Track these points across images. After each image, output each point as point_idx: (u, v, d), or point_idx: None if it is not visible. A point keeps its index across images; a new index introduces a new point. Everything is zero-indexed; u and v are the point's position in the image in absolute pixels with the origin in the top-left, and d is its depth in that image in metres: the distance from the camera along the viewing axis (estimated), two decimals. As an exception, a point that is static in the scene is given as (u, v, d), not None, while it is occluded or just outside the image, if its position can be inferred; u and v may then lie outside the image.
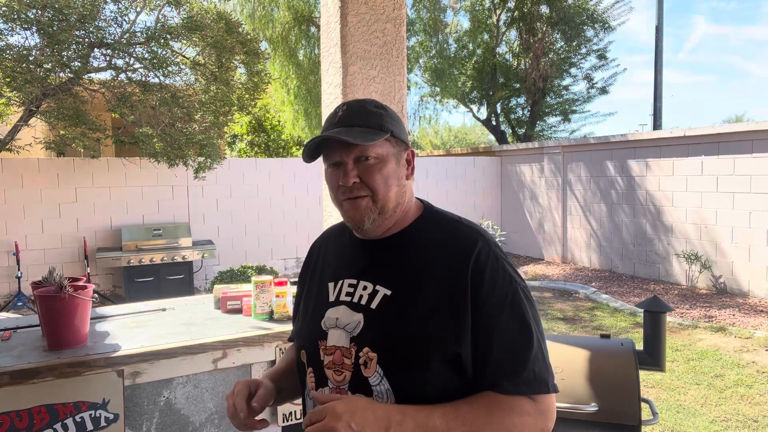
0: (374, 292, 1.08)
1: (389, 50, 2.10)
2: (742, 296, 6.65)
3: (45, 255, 6.85)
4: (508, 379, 1.00)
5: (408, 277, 1.07)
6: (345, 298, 1.11)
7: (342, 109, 1.12)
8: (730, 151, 6.73)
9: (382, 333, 1.04)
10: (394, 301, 1.06)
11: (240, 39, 6.69)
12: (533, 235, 9.86)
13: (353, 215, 1.09)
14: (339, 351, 1.07)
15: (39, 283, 1.93)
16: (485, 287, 1.02)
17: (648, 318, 2.05)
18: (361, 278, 1.11)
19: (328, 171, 1.12)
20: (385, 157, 1.08)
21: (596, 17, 13.18)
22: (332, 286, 1.15)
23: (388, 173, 1.08)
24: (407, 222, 1.14)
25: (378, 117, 1.10)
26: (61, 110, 5.95)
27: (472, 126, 35.94)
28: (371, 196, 1.07)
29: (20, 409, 1.68)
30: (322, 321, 1.11)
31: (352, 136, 1.04)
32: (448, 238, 1.09)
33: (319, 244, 1.30)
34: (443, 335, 1.00)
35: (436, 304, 1.02)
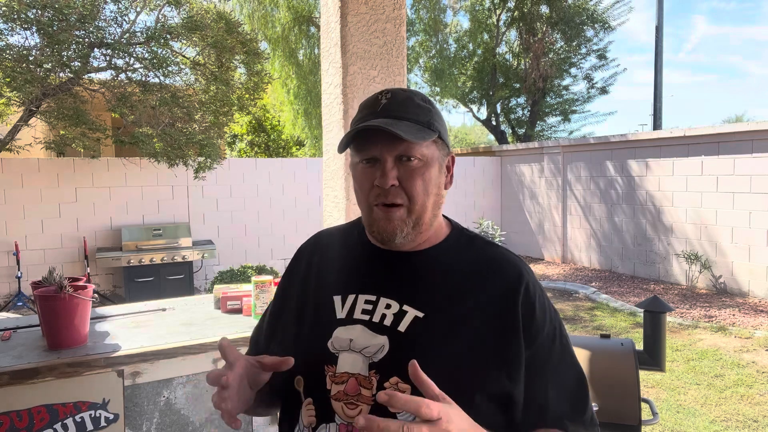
0: (401, 312, 0.92)
1: (389, 50, 2.10)
2: (742, 296, 6.65)
3: (45, 255, 6.85)
4: (570, 420, 0.95)
5: (444, 299, 0.94)
6: (361, 316, 0.94)
7: (386, 97, 0.96)
8: (730, 151, 6.73)
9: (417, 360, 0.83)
10: (427, 325, 0.91)
11: (240, 39, 6.69)
12: (533, 235, 9.86)
13: (385, 226, 0.93)
14: (354, 379, 0.89)
15: (39, 283, 1.93)
16: (537, 322, 0.94)
17: (648, 318, 2.05)
18: (382, 295, 0.95)
19: (359, 166, 0.96)
20: (430, 160, 0.95)
21: (596, 17, 13.18)
22: (339, 300, 0.97)
23: (430, 179, 0.94)
24: (440, 237, 1.01)
25: (427, 113, 0.96)
26: (61, 110, 5.95)
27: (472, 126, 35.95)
28: (407, 205, 0.93)
29: (20, 409, 1.68)
30: (329, 342, 0.93)
31: (402, 130, 0.89)
32: (490, 263, 0.98)
33: (312, 249, 1.10)
34: (491, 370, 0.90)
35: (481, 334, 0.91)
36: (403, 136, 0.88)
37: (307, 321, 0.99)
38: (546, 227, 9.56)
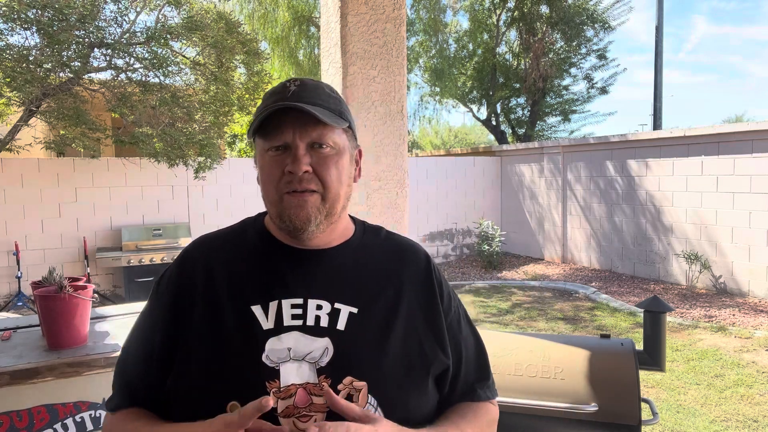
0: (335, 310, 0.89)
1: (389, 50, 2.10)
2: (742, 296, 6.65)
3: (45, 255, 6.85)
4: (479, 386, 1.02)
5: (371, 292, 0.93)
6: (293, 322, 0.87)
7: (295, 84, 0.91)
8: (730, 151, 6.73)
9: (365, 356, 0.87)
10: (364, 319, 0.90)
11: (240, 39, 6.69)
12: (533, 235, 9.86)
13: (297, 213, 0.88)
14: (303, 389, 0.83)
15: (39, 283, 1.93)
16: (446, 297, 1.00)
17: (648, 318, 2.05)
18: (309, 296, 0.90)
19: (268, 154, 0.90)
20: (342, 149, 0.92)
21: (596, 17, 13.18)
22: (260, 310, 0.88)
23: (343, 168, 0.92)
24: (349, 233, 1.00)
25: (338, 102, 0.94)
26: (61, 110, 5.95)
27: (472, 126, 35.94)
28: (321, 192, 0.89)
29: (20, 409, 1.68)
30: (263, 356, 0.84)
31: (318, 113, 0.87)
32: (401, 250, 1.02)
33: (204, 258, 0.96)
34: (432, 350, 0.94)
35: (412, 318, 0.94)
36: (319, 117, 0.86)
37: (226, 340, 0.87)
38: (546, 227, 9.56)
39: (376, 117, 2.08)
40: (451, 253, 10.02)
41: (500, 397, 1.92)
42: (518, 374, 1.95)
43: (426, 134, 28.25)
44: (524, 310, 6.40)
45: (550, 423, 1.89)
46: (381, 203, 2.09)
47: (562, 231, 9.26)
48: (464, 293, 7.40)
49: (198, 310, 0.90)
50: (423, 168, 9.65)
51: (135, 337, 0.97)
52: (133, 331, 0.98)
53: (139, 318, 0.99)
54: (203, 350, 0.87)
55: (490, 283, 7.95)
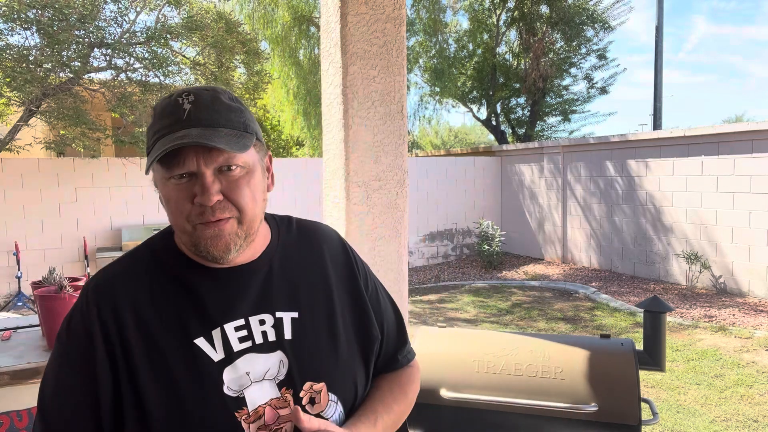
0: (278, 321, 0.88)
1: (389, 50, 2.10)
2: (742, 296, 6.65)
3: (45, 255, 6.85)
4: (400, 353, 1.06)
5: (303, 291, 0.93)
6: (243, 345, 0.84)
7: (188, 100, 0.81)
8: (730, 151, 6.73)
9: (318, 358, 0.88)
10: (305, 321, 0.90)
11: (240, 39, 6.70)
12: (533, 235, 9.86)
13: (215, 243, 0.82)
14: (269, 407, 0.83)
15: (39, 283, 1.93)
16: (362, 273, 1.02)
17: (648, 318, 2.05)
18: (250, 314, 0.86)
19: (170, 183, 0.83)
20: (253, 165, 0.85)
21: (596, 17, 13.18)
22: (204, 342, 0.83)
23: (256, 186, 0.86)
24: (267, 236, 0.96)
25: (240, 114, 0.85)
26: (61, 110, 5.95)
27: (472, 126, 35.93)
28: (237, 216, 0.83)
29: (20, 409, 1.68)
30: (224, 388, 0.81)
31: (222, 142, 0.79)
32: (314, 237, 1.01)
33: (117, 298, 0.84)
34: (367, 329, 0.97)
35: (344, 306, 0.96)
36: (226, 149, 0.78)
37: (179, 383, 0.81)
38: (546, 227, 9.56)
39: (376, 117, 2.08)
40: (451, 253, 10.02)
41: (501, 397, 1.93)
42: (518, 374, 1.95)
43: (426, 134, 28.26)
44: (524, 310, 6.40)
45: (550, 423, 1.89)
46: (381, 203, 2.09)
47: (562, 231, 9.27)
48: (464, 293, 7.41)
49: (137, 358, 0.81)
50: (423, 168, 9.65)
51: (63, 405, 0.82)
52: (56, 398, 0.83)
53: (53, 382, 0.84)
54: (158, 400, 0.79)
55: (490, 283, 7.95)
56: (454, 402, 1.95)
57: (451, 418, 1.97)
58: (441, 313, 6.43)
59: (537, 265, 9.24)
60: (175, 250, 0.91)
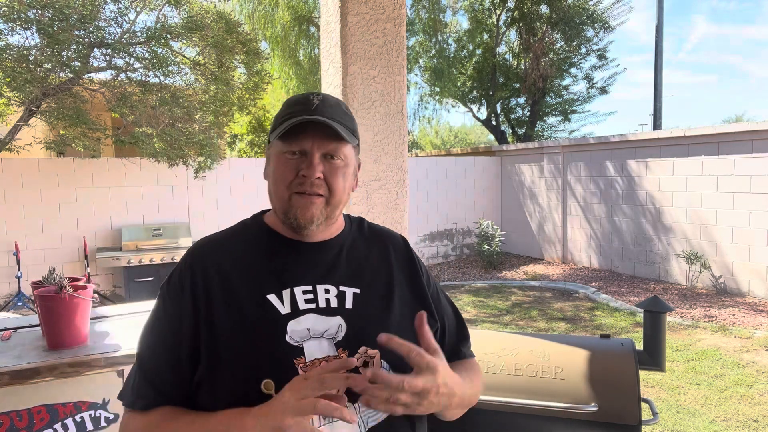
0: (341, 293, 1.02)
1: (389, 50, 2.10)
2: (742, 296, 6.65)
3: (45, 255, 6.85)
4: (463, 346, 1.19)
5: (367, 274, 1.08)
6: (307, 305, 0.99)
7: (318, 98, 1.03)
8: (730, 151, 6.73)
9: (374, 328, 0.97)
10: (366, 298, 1.04)
11: (240, 39, 6.69)
12: (533, 235, 9.86)
13: (303, 212, 1.00)
14: (324, 362, 0.94)
15: (39, 283, 1.93)
16: (424, 272, 1.16)
17: (648, 318, 2.05)
18: (317, 283, 1.02)
19: (283, 157, 1.01)
20: (350, 162, 1.05)
21: (596, 17, 13.18)
22: (275, 298, 0.98)
23: (347, 178, 1.05)
24: (342, 226, 1.14)
25: (351, 121, 1.07)
26: (61, 110, 5.95)
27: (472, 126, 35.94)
28: (327, 197, 1.02)
29: (20, 409, 1.68)
30: (287, 337, 0.95)
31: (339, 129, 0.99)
32: (382, 235, 1.18)
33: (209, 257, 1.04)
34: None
35: (402, 292, 1.09)
36: (342, 134, 0.98)
37: (250, 328, 0.96)
38: (546, 227, 9.56)
39: (376, 117, 2.08)
40: (451, 253, 10.02)
41: (500, 397, 1.92)
42: (518, 374, 1.95)
43: (426, 134, 28.25)
44: (524, 310, 6.40)
45: (550, 423, 1.89)
46: (381, 203, 2.09)
47: (562, 231, 9.26)
48: (464, 293, 7.40)
49: (218, 306, 0.98)
50: (423, 168, 9.65)
51: (155, 338, 1.02)
52: (150, 333, 1.03)
53: (153, 320, 1.04)
54: (231, 341, 0.95)
55: (490, 283, 7.95)
56: (454, 402, 1.94)
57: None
58: (441, 313, 6.42)
59: (537, 265, 9.24)
60: (263, 224, 1.11)
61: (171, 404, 0.98)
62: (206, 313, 0.97)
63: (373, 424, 0.96)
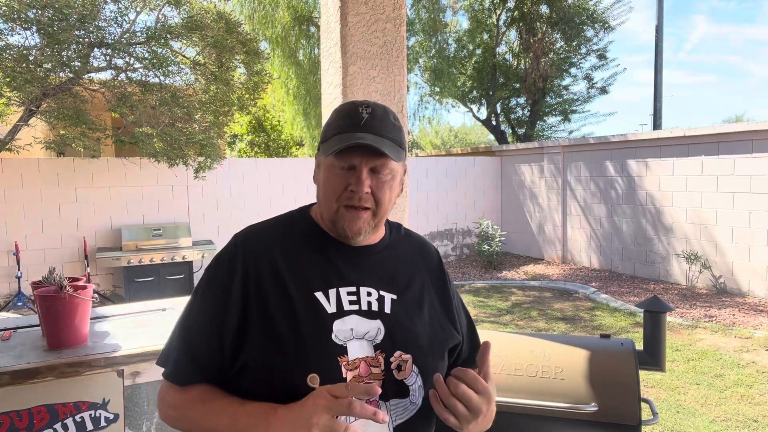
0: (381, 297, 1.07)
1: (389, 50, 2.10)
2: (742, 296, 6.65)
3: (45, 255, 6.85)
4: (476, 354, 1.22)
5: (403, 280, 1.12)
6: (351, 306, 1.04)
7: (367, 112, 1.04)
8: (730, 151, 6.73)
9: (409, 334, 1.06)
10: (402, 304, 1.08)
11: (240, 39, 6.69)
12: (533, 235, 9.86)
13: (351, 225, 1.05)
14: (364, 362, 1.00)
15: (39, 283, 1.93)
16: (451, 284, 1.22)
17: (648, 318, 2.05)
18: (361, 285, 1.07)
19: (335, 169, 1.05)
20: (396, 174, 1.08)
21: (596, 17, 13.18)
22: (322, 296, 1.03)
23: (393, 189, 1.08)
24: (383, 232, 1.17)
25: (399, 133, 1.08)
26: (61, 110, 5.94)
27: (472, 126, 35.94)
28: (374, 209, 1.05)
29: (20, 409, 1.68)
30: (333, 335, 1.00)
31: (386, 149, 1.02)
32: (420, 245, 1.24)
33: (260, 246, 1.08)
34: (448, 328, 1.15)
35: (433, 302, 1.14)
36: (389, 156, 1.01)
37: (299, 322, 1.00)
38: (546, 227, 9.56)
39: (376, 117, 2.07)
40: (451, 253, 10.02)
41: (500, 397, 1.92)
42: (518, 374, 1.95)
43: (426, 134, 28.25)
44: (524, 310, 6.40)
45: (550, 423, 1.89)
46: (381, 203, 2.09)
47: (562, 231, 9.26)
48: (464, 293, 7.40)
49: (269, 295, 1.01)
50: (423, 168, 9.65)
51: (200, 316, 1.05)
52: (194, 310, 1.07)
53: (197, 299, 1.07)
54: (279, 331, 0.99)
55: (490, 283, 7.95)
56: (454, 402, 1.94)
57: (451, 418, 1.96)
58: (441, 313, 6.42)
59: (537, 265, 9.24)
60: (310, 220, 1.14)
61: (209, 382, 1.03)
62: (258, 300, 1.01)
63: (400, 422, 1.01)
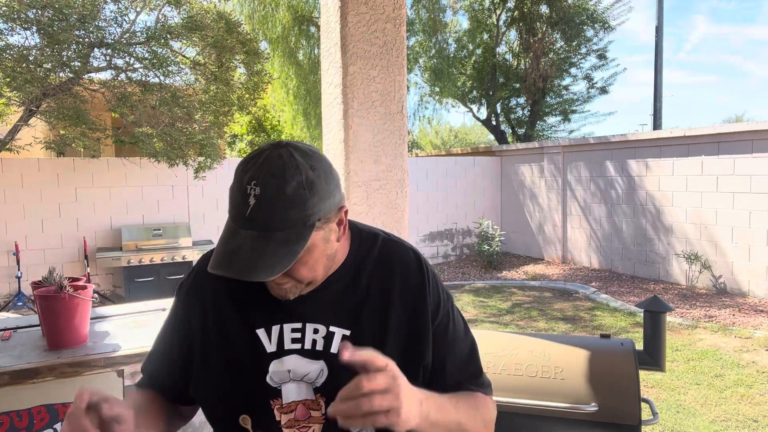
0: (329, 334, 0.95)
1: (389, 50, 2.10)
2: (742, 296, 6.65)
3: (45, 255, 6.85)
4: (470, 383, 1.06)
5: (362, 312, 0.97)
6: (293, 345, 0.94)
7: (255, 194, 0.83)
8: (730, 151, 6.73)
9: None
10: (356, 340, 0.94)
11: (240, 39, 6.69)
12: (533, 235, 9.86)
13: (276, 292, 0.93)
14: (302, 405, 0.93)
15: (39, 283, 1.93)
16: (434, 302, 1.02)
17: (648, 318, 2.05)
18: (307, 321, 0.95)
19: None
20: (311, 247, 0.88)
21: (596, 17, 13.18)
22: (264, 333, 0.95)
23: (316, 260, 0.91)
24: (344, 255, 1.01)
25: (301, 205, 0.84)
26: (61, 110, 5.95)
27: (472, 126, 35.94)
28: (296, 284, 0.92)
29: (20, 409, 1.68)
30: (267, 377, 0.93)
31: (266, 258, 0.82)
32: (392, 259, 1.03)
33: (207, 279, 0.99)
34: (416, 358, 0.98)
35: (400, 331, 0.98)
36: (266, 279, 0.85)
37: (236, 360, 0.95)
38: (546, 227, 9.56)
39: (376, 117, 2.08)
40: (451, 253, 10.01)
41: (500, 397, 1.92)
42: (518, 374, 1.95)
43: (426, 134, 28.26)
44: (524, 310, 6.40)
45: (550, 423, 1.89)
46: (381, 203, 2.09)
47: (562, 231, 9.26)
48: (464, 293, 7.40)
49: (211, 330, 0.98)
50: (423, 168, 9.65)
51: (161, 334, 1.08)
52: (162, 328, 1.09)
53: (167, 317, 1.09)
54: (217, 366, 0.97)
55: (490, 283, 7.95)
56: (454, 402, 1.94)
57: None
58: (441, 313, 6.42)
59: (537, 265, 9.24)
60: None
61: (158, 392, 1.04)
62: (201, 334, 0.99)
63: None
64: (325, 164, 0.90)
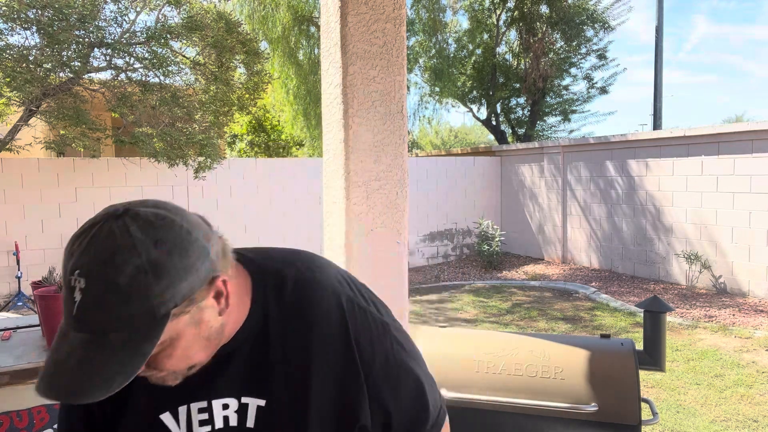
0: (242, 406, 0.83)
1: (389, 50, 2.10)
2: (742, 296, 6.65)
3: (45, 255, 6.85)
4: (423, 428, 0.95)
5: (276, 376, 0.84)
6: (203, 428, 0.83)
7: (79, 286, 0.66)
8: (730, 151, 6.73)
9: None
10: (273, 410, 0.83)
11: (240, 39, 6.69)
12: (533, 235, 9.86)
13: (153, 381, 0.77)
14: None
15: (39, 283, 1.93)
16: (366, 350, 0.88)
17: (648, 318, 2.05)
18: (213, 397, 0.83)
19: None
20: (174, 338, 0.72)
21: (596, 17, 13.18)
22: (169, 417, 0.83)
23: (186, 348, 0.74)
24: (245, 312, 0.84)
25: (143, 296, 0.66)
26: (61, 110, 5.95)
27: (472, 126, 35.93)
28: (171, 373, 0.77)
29: (20, 409, 1.68)
30: None
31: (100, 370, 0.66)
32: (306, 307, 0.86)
33: None
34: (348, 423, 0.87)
35: (326, 392, 0.85)
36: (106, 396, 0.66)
37: None
38: (546, 227, 9.56)
39: (376, 117, 2.08)
40: (451, 253, 10.02)
41: (500, 397, 1.93)
42: (518, 374, 1.95)
43: (426, 134, 28.27)
44: (524, 310, 6.40)
45: (550, 423, 1.89)
46: (381, 203, 2.09)
47: (562, 231, 9.26)
48: (464, 293, 7.41)
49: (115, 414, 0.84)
50: (423, 168, 9.65)
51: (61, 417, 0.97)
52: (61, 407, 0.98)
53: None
54: None
55: (490, 283, 7.95)
56: (454, 402, 1.95)
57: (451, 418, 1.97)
58: (441, 313, 6.43)
59: (537, 265, 9.24)
60: None
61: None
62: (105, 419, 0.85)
63: None
64: (179, 233, 0.72)
